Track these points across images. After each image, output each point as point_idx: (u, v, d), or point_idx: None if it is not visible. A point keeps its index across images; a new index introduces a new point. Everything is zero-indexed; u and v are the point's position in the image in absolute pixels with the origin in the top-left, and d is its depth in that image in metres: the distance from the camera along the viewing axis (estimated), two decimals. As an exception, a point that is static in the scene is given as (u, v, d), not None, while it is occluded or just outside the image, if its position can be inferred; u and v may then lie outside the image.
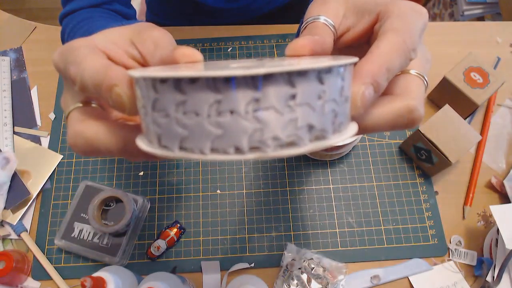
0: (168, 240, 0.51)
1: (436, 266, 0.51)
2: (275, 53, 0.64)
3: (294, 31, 0.66)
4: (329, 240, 0.52)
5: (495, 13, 1.17)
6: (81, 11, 0.51)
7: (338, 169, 0.56)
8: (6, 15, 0.68)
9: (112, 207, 0.51)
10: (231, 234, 0.53)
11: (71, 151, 0.57)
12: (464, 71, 0.55)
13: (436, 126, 0.51)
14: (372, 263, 0.51)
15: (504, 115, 0.60)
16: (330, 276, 0.49)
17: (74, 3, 0.51)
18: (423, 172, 0.56)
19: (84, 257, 0.51)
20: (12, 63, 0.63)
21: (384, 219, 0.53)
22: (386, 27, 0.23)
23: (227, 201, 0.54)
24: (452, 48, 0.64)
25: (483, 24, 0.68)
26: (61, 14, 0.52)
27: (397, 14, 0.23)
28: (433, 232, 0.53)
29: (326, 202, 0.54)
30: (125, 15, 0.55)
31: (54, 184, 0.55)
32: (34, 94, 0.61)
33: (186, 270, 0.51)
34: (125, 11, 0.55)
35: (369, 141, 0.58)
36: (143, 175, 0.56)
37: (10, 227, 0.52)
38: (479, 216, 0.54)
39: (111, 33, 0.25)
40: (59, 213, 0.54)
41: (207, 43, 0.65)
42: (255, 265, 0.51)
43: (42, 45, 0.65)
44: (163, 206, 0.54)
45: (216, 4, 0.67)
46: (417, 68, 0.24)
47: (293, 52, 0.22)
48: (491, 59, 0.63)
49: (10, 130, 0.58)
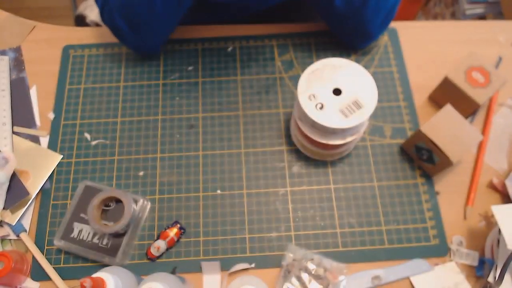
0: (168, 240, 0.51)
1: (437, 267, 0.51)
2: (275, 53, 0.64)
3: (294, 31, 0.65)
4: (330, 240, 0.52)
5: (496, 13, 1.16)
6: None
7: (339, 169, 0.56)
8: (5, 14, 0.68)
9: (112, 207, 0.51)
10: (231, 234, 0.52)
11: (70, 150, 0.57)
12: (466, 71, 0.54)
13: (437, 126, 0.51)
14: (373, 263, 0.51)
15: (505, 115, 0.60)
16: (331, 277, 0.49)
17: None
18: (424, 172, 0.56)
19: (83, 258, 0.51)
20: (11, 62, 0.63)
21: (385, 219, 0.53)
22: None
23: (227, 201, 0.54)
24: (453, 48, 0.64)
25: (484, 24, 0.68)
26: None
27: None
28: (434, 233, 0.52)
29: (327, 202, 0.54)
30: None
31: (54, 184, 0.55)
32: (33, 93, 0.61)
33: (186, 270, 0.51)
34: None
35: (370, 141, 0.58)
36: (143, 175, 0.56)
37: (9, 227, 0.52)
38: (481, 216, 0.54)
39: None
40: (59, 213, 0.53)
41: (207, 42, 0.64)
42: (255, 265, 0.51)
43: (41, 44, 0.65)
44: (163, 206, 0.54)
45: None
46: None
47: None
48: (493, 58, 0.63)
49: (9, 129, 0.57)
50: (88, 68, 0.63)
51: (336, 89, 0.48)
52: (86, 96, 0.61)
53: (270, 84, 0.61)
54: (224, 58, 0.63)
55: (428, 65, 0.63)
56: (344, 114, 0.46)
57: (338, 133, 0.47)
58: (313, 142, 0.50)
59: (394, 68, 0.62)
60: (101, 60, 0.63)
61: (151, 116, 0.59)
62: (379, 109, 0.60)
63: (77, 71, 0.62)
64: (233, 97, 0.61)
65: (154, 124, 0.59)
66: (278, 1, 0.77)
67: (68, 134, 0.58)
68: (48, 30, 0.66)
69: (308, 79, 0.49)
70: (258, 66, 0.63)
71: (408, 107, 0.60)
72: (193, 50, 0.64)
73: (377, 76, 0.62)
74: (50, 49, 0.64)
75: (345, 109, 0.47)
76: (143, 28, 0.56)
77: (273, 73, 0.62)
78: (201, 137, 0.58)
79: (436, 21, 1.39)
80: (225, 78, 0.62)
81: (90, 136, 0.58)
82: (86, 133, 0.58)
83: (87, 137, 0.58)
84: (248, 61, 0.63)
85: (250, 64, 0.63)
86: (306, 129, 0.49)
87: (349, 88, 0.48)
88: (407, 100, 0.60)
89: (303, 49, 0.64)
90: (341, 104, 0.47)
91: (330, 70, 0.49)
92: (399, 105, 0.60)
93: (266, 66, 0.63)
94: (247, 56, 0.63)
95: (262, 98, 0.61)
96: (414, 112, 0.60)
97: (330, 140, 0.49)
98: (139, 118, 0.59)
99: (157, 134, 0.58)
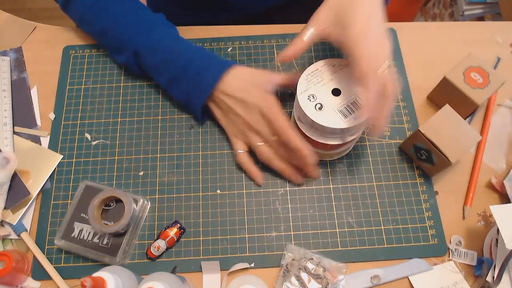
0: (168, 240, 0.51)
1: (436, 266, 0.51)
2: (275, 53, 0.64)
3: (294, 31, 0.65)
4: (329, 240, 0.52)
5: (495, 13, 1.17)
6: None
7: (338, 169, 0.56)
8: (6, 15, 0.68)
9: (112, 207, 0.51)
10: (231, 234, 0.53)
11: (71, 150, 0.57)
12: (464, 71, 0.55)
13: (436, 126, 0.51)
14: (372, 263, 0.51)
15: (504, 115, 0.60)
16: (330, 276, 0.49)
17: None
18: (423, 172, 0.56)
19: (84, 257, 0.51)
20: (12, 63, 0.63)
21: (384, 219, 0.53)
22: (361, 79, 0.42)
23: (227, 201, 0.54)
24: (452, 48, 0.64)
25: (483, 24, 0.68)
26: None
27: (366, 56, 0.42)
28: (433, 232, 0.53)
29: (326, 202, 0.54)
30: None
31: (54, 184, 0.55)
32: (34, 94, 0.61)
33: (186, 270, 0.51)
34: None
35: (369, 141, 0.58)
36: (143, 175, 0.56)
37: (10, 227, 0.52)
38: (479, 216, 0.54)
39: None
40: (59, 213, 0.54)
41: (207, 43, 0.65)
42: (255, 265, 0.51)
43: (42, 45, 0.65)
44: (163, 206, 0.54)
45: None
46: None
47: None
48: (491, 59, 0.63)
49: (10, 130, 0.58)
50: (88, 68, 0.63)
51: (335, 89, 0.48)
52: (87, 96, 0.61)
53: (270, 85, 0.62)
54: (225, 59, 0.63)
55: (427, 66, 0.63)
56: (343, 114, 0.46)
57: (337, 133, 0.48)
58: (312, 142, 0.50)
59: (393, 68, 0.63)
60: (101, 61, 0.63)
61: (151, 116, 0.59)
62: (378, 109, 0.60)
63: (78, 72, 0.63)
64: (233, 97, 0.61)
65: (154, 124, 0.59)
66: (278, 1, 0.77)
67: (68, 134, 0.58)
68: (48, 31, 0.66)
69: (308, 79, 0.49)
70: (257, 66, 0.63)
71: (407, 107, 0.60)
72: (193, 51, 0.64)
73: (376, 76, 0.62)
74: (51, 49, 0.64)
75: (344, 109, 0.47)
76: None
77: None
78: (201, 137, 0.58)
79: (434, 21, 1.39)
80: (225, 79, 0.62)
81: (90, 136, 0.58)
82: (86, 133, 0.58)
83: (87, 137, 0.58)
84: (248, 62, 0.63)
85: (250, 64, 0.63)
86: (305, 129, 0.49)
87: (348, 88, 0.48)
88: (406, 100, 0.60)
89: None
90: (340, 105, 0.47)
91: (329, 71, 0.49)
92: (398, 105, 0.60)
93: (266, 67, 0.63)
94: (247, 56, 0.64)
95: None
96: (413, 112, 0.60)
97: (329, 140, 0.49)
98: (139, 118, 0.59)
99: (157, 134, 0.58)
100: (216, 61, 0.55)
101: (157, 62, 0.56)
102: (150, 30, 0.56)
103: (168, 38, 0.56)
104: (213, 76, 0.53)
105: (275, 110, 0.50)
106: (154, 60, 0.56)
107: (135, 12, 0.58)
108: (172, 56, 0.55)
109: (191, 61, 0.54)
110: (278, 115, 0.50)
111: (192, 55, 0.55)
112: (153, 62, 0.56)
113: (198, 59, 0.54)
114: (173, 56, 0.55)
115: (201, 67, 0.54)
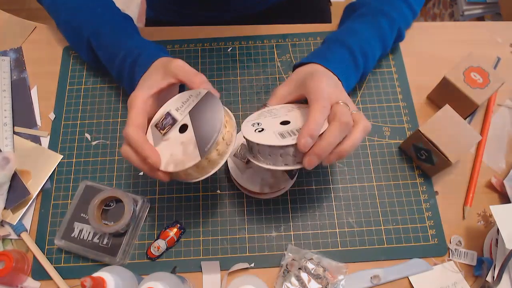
0: (168, 240, 0.51)
1: (436, 266, 0.51)
2: (275, 53, 0.64)
3: (294, 31, 0.66)
4: (329, 240, 0.52)
5: (495, 13, 1.17)
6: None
7: (338, 169, 0.56)
8: (6, 15, 0.68)
9: (112, 207, 0.51)
10: (231, 234, 0.53)
11: (71, 151, 0.57)
12: (464, 71, 0.55)
13: (436, 126, 0.51)
14: (372, 263, 0.51)
15: (504, 115, 0.60)
16: (330, 276, 0.49)
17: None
18: (423, 172, 0.56)
19: (84, 257, 0.51)
20: (12, 63, 0.63)
21: (384, 219, 0.53)
22: (310, 102, 0.42)
23: (227, 201, 0.54)
24: (452, 48, 0.64)
25: (483, 24, 0.68)
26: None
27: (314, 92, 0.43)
28: (433, 232, 0.53)
29: (326, 202, 0.54)
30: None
31: (54, 184, 0.55)
32: (34, 94, 0.61)
33: (186, 270, 0.51)
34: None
35: (369, 141, 0.58)
36: (143, 175, 0.56)
37: (10, 227, 0.52)
38: (479, 216, 0.54)
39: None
40: (59, 213, 0.54)
41: (207, 43, 0.65)
42: (255, 265, 0.51)
43: (42, 45, 0.65)
44: (163, 206, 0.54)
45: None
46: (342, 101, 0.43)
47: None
48: (491, 59, 0.63)
49: (10, 130, 0.58)
50: (88, 68, 0.63)
51: (285, 121, 0.45)
52: (87, 96, 0.61)
53: (270, 85, 0.62)
54: (224, 59, 0.64)
55: (427, 66, 0.63)
56: (281, 136, 0.42)
57: (270, 153, 0.43)
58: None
59: (393, 68, 0.63)
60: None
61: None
62: (378, 109, 0.60)
63: (78, 72, 0.63)
64: (233, 97, 0.61)
65: (154, 124, 0.59)
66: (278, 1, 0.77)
67: (68, 134, 0.58)
68: (48, 31, 0.66)
69: (262, 114, 0.47)
70: (257, 66, 0.63)
71: (407, 107, 0.60)
72: (193, 51, 0.64)
73: (376, 76, 0.62)
74: (51, 49, 0.64)
75: (286, 132, 0.43)
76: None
77: (272, 74, 0.63)
78: (201, 137, 0.58)
79: (435, 22, 1.39)
80: (225, 79, 0.62)
81: (90, 136, 0.58)
82: (86, 133, 0.58)
83: (87, 137, 0.58)
84: (248, 62, 0.63)
85: (250, 64, 0.63)
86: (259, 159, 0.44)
87: (300, 121, 0.44)
88: (406, 100, 0.60)
89: (302, 49, 0.64)
90: (283, 130, 0.43)
91: (287, 110, 0.47)
92: (398, 105, 0.60)
93: (266, 67, 0.63)
94: (247, 56, 0.64)
95: (262, 98, 0.61)
96: (413, 112, 0.60)
97: (262, 162, 0.44)
98: (139, 119, 0.59)
99: (157, 134, 0.58)
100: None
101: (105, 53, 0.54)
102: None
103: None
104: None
105: (129, 116, 0.44)
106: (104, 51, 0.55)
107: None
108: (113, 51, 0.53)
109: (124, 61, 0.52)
110: (128, 120, 0.44)
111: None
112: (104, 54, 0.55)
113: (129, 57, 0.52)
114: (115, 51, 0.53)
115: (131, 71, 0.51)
